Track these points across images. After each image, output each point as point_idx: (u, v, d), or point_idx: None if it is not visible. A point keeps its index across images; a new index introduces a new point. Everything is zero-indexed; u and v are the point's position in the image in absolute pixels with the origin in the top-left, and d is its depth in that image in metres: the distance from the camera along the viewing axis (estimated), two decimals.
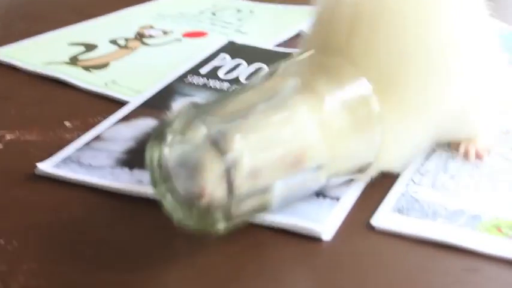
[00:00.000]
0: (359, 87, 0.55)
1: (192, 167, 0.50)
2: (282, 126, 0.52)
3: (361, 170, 0.58)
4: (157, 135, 0.52)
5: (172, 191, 0.52)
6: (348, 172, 0.57)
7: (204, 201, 0.50)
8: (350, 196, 0.59)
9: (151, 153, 0.52)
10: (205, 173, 0.50)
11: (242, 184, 0.50)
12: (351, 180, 0.59)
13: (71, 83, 0.81)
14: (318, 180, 0.55)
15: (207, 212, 0.51)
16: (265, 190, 0.52)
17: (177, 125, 0.51)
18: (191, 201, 0.51)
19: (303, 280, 0.53)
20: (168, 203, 0.52)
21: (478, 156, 0.64)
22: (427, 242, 0.55)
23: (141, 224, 0.57)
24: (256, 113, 0.52)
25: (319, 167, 0.54)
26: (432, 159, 0.64)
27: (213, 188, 0.50)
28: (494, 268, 0.53)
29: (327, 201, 0.58)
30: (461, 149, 0.64)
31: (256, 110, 0.52)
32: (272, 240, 0.55)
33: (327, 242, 0.55)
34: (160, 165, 0.52)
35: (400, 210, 0.58)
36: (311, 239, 0.56)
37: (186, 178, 0.51)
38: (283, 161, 0.52)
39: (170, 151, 0.51)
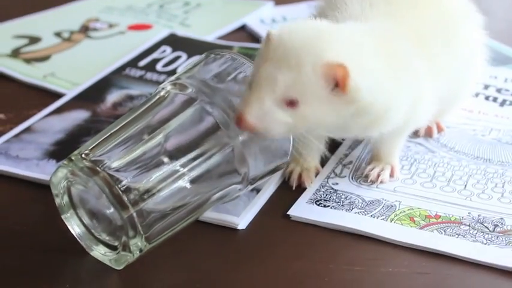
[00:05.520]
0: None
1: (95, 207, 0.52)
2: None
3: (279, 168, 0.58)
4: (66, 164, 0.51)
5: (80, 218, 0.53)
6: (266, 172, 0.57)
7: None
8: (269, 188, 0.60)
9: (58, 178, 0.52)
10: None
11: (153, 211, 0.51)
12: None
13: (9, 75, 0.82)
14: (236, 189, 0.56)
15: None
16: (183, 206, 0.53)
17: (74, 167, 0.51)
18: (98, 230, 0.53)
19: (215, 265, 0.54)
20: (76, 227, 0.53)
21: (440, 129, 0.67)
22: (340, 231, 0.56)
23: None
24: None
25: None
26: (356, 150, 0.65)
27: None
28: (402, 257, 0.54)
29: (247, 193, 0.59)
30: (422, 130, 0.67)
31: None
32: (200, 232, 0.56)
33: (242, 232, 0.56)
34: (65, 192, 0.52)
35: (318, 201, 0.59)
36: (230, 229, 0.57)
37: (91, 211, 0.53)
38: None
39: (73, 187, 0.52)
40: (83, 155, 0.51)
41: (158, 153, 0.53)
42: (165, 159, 0.53)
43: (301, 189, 0.60)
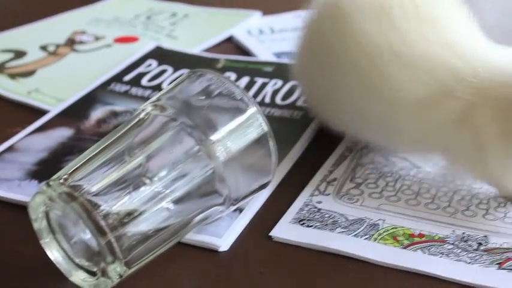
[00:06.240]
0: (247, 109, 0.55)
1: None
2: None
3: (262, 187, 0.58)
4: (44, 190, 0.50)
5: (59, 243, 0.52)
6: (249, 193, 0.57)
7: None
8: (252, 208, 0.60)
9: (36, 203, 0.51)
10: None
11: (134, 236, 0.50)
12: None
13: None
14: (218, 210, 0.55)
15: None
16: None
17: (52, 193, 0.50)
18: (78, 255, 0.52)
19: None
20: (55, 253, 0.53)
21: None
22: (323, 252, 0.55)
23: None
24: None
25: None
26: (341, 167, 0.65)
27: None
28: (386, 277, 0.53)
29: (229, 213, 0.58)
30: None
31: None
32: (180, 254, 0.56)
33: (224, 254, 0.56)
34: (44, 217, 0.52)
35: (301, 221, 0.58)
36: (212, 251, 0.56)
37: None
38: None
39: (52, 212, 0.51)
40: (62, 180, 0.50)
41: (139, 175, 0.52)
42: (147, 181, 0.52)
43: (284, 208, 0.60)
